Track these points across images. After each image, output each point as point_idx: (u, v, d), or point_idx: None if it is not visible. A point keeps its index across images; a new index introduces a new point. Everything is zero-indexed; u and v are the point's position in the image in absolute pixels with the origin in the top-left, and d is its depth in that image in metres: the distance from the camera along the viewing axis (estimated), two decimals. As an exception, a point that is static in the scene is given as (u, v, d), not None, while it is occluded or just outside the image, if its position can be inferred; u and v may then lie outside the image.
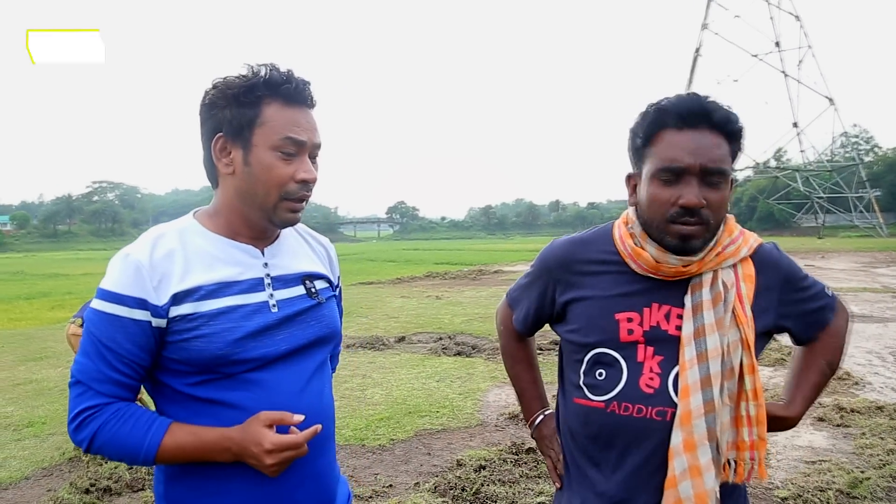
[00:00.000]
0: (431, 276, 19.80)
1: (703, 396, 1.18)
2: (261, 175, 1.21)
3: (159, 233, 1.24)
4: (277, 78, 1.21)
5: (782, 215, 56.92)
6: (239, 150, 1.22)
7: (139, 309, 1.16)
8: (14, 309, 13.80)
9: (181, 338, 1.18)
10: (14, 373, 7.26)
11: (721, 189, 1.19)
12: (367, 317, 10.98)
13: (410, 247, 48.84)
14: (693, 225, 1.18)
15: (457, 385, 6.14)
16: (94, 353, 1.17)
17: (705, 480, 1.16)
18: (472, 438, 4.62)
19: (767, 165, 54.55)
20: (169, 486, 1.25)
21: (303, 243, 1.43)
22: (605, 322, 1.28)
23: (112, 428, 1.16)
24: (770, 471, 3.92)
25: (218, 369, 1.19)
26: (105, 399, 1.18)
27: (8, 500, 3.77)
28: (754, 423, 1.20)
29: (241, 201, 1.25)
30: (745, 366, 1.20)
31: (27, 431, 5.05)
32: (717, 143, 1.19)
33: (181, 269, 1.20)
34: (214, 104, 1.22)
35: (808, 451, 4.24)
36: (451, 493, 3.54)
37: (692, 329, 1.21)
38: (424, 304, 12.52)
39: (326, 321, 1.35)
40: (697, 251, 1.22)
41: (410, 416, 5.16)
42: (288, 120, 1.21)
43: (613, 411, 1.25)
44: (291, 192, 1.23)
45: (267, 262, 1.29)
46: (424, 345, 8.34)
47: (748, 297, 1.24)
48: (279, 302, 1.27)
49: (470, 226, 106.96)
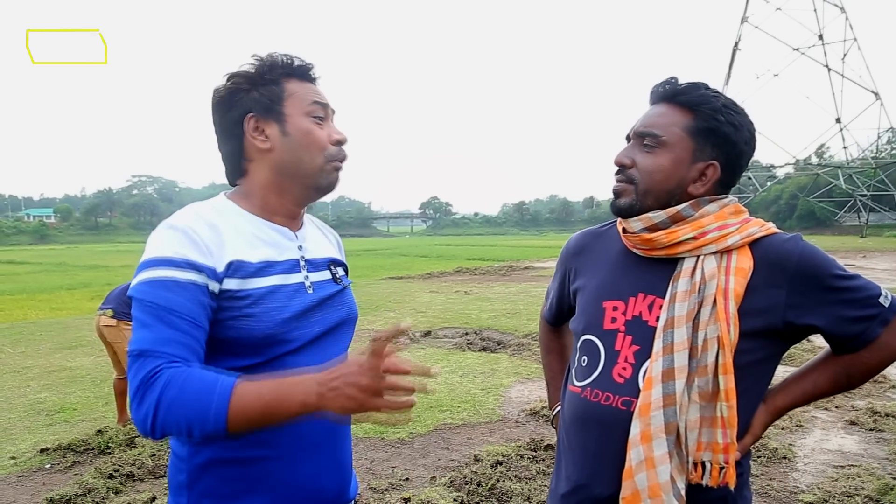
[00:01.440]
0: (461, 271, 19.78)
1: (664, 389, 1.15)
2: (303, 140, 1.24)
3: (198, 210, 1.22)
4: (291, 59, 1.27)
5: (824, 214, 55.37)
6: (273, 124, 1.24)
7: (194, 271, 1.10)
8: (56, 299, 14.18)
9: (230, 315, 1.15)
10: (50, 360, 7.46)
11: (653, 153, 1.24)
12: (395, 311, 11.02)
13: (442, 242, 48.91)
14: (619, 182, 1.27)
15: (480, 380, 6.12)
16: (152, 320, 1.06)
17: (659, 473, 1.14)
18: (491, 434, 4.59)
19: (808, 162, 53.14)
20: (195, 475, 1.19)
21: (320, 233, 1.45)
22: (594, 309, 1.30)
23: (178, 383, 1.01)
24: (796, 474, 3.82)
25: (261, 351, 1.17)
26: (168, 358, 1.04)
27: (36, 482, 3.87)
28: (727, 426, 1.15)
29: (283, 175, 1.26)
30: (720, 365, 1.15)
31: (58, 417, 5.19)
32: (663, 112, 1.25)
33: (228, 242, 1.18)
34: (237, 90, 1.24)
35: (838, 456, 4.11)
36: (467, 487, 3.53)
37: (665, 320, 1.19)
38: (453, 300, 12.51)
39: (350, 305, 1.38)
40: (624, 211, 1.27)
41: (431, 410, 5.15)
42: (310, 90, 1.28)
43: (586, 398, 1.27)
44: (333, 153, 1.27)
45: (301, 245, 1.31)
46: (450, 339, 8.33)
47: (735, 293, 1.16)
48: (314, 284, 1.29)
49: (503, 222, 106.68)
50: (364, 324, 9.53)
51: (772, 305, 1.18)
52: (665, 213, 1.23)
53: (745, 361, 1.17)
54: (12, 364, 7.35)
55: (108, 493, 3.57)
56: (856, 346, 1.20)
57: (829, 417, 4.90)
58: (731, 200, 1.26)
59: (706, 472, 1.16)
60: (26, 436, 4.75)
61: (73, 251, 43.42)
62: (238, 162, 1.29)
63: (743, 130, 1.23)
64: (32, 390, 6.11)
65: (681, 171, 1.23)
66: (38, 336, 9.21)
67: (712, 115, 1.21)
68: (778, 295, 1.18)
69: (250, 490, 1.18)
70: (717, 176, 1.24)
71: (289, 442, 1.19)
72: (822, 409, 5.06)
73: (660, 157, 1.23)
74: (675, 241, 1.21)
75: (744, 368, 1.17)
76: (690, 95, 1.23)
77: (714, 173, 1.24)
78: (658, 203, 1.24)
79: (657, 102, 1.28)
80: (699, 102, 1.22)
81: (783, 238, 1.22)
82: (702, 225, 1.21)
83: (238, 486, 1.18)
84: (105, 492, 3.57)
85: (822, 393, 1.28)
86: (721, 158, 1.23)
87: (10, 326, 10.16)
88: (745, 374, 1.18)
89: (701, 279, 1.18)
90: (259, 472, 1.19)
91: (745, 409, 1.20)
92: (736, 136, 1.22)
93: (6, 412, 5.38)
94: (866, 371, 1.23)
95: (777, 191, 61.22)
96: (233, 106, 1.25)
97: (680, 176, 1.23)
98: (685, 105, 1.23)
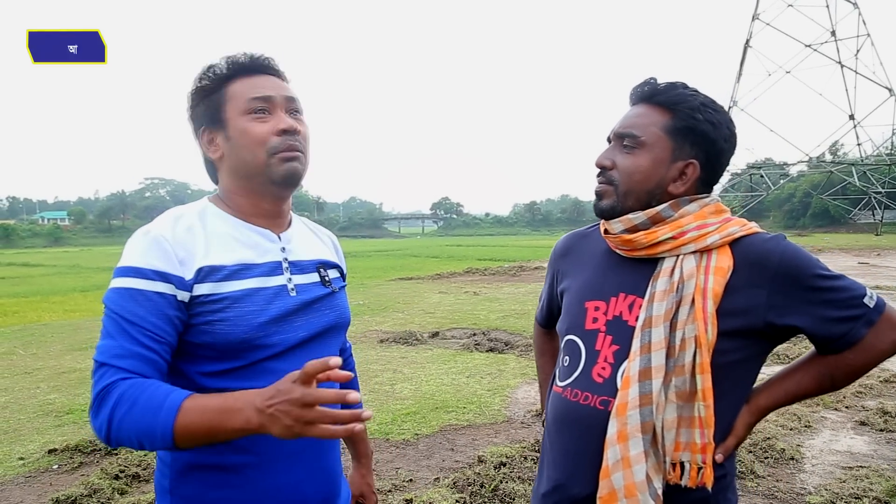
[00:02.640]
0: (471, 271, 19.75)
1: (641, 388, 1.15)
2: (241, 140, 1.22)
3: (179, 212, 1.23)
4: (238, 58, 1.25)
5: (838, 211, 54.79)
6: (219, 131, 1.25)
7: (162, 282, 1.11)
8: (69, 301, 14.30)
9: (205, 320, 1.15)
10: (60, 361, 7.52)
11: (633, 154, 1.23)
12: (403, 311, 11.03)
13: (453, 242, 48.89)
14: (600, 184, 1.28)
15: (486, 381, 6.10)
16: (116, 331, 1.08)
17: (635, 472, 1.13)
18: (496, 435, 4.58)
19: (822, 160, 52.63)
20: (176, 480, 1.20)
21: (311, 234, 1.44)
22: (577, 309, 1.30)
23: (129, 399, 1.03)
24: (804, 475, 3.78)
25: (239, 355, 1.16)
26: (125, 374, 1.06)
27: (43, 482, 3.91)
28: (705, 426, 1.14)
29: (237, 177, 1.26)
30: (697, 364, 1.14)
31: (67, 418, 5.23)
32: (641, 113, 1.25)
33: (203, 246, 1.18)
34: (191, 108, 1.28)
35: (847, 457, 4.06)
36: (470, 489, 3.52)
37: (643, 319, 1.18)
38: (461, 300, 12.50)
39: (340, 310, 1.35)
40: (606, 212, 1.27)
41: (437, 411, 5.15)
42: (250, 85, 1.24)
43: (567, 397, 1.27)
44: (275, 145, 1.22)
45: (284, 247, 1.29)
46: (458, 340, 8.32)
47: (714, 293, 1.15)
48: (297, 286, 1.27)
49: (514, 222, 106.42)
50: (372, 325, 9.56)
51: (752, 306, 1.17)
52: (645, 213, 1.23)
53: (725, 361, 1.16)
54: (23, 366, 7.42)
55: (113, 493, 3.59)
56: (840, 346, 1.18)
57: (839, 418, 4.84)
58: (712, 199, 1.26)
59: (685, 473, 1.15)
60: (35, 437, 4.79)
61: (86, 253, 43.81)
62: (210, 172, 1.32)
63: (722, 128, 1.23)
64: (42, 391, 6.16)
65: (660, 170, 1.22)
66: (50, 338, 9.29)
67: (690, 114, 1.21)
68: (758, 295, 1.17)
69: (231, 497, 1.18)
70: (697, 175, 1.24)
71: (269, 449, 1.19)
72: (832, 410, 5.00)
73: (639, 157, 1.23)
74: (654, 242, 1.21)
75: (724, 368, 1.16)
76: (668, 95, 1.22)
77: (694, 172, 1.23)
78: (639, 204, 1.24)
79: (637, 103, 1.28)
80: (676, 102, 1.21)
81: (764, 238, 1.20)
82: (681, 225, 1.21)
83: (219, 492, 1.18)
84: (110, 492, 3.59)
85: (805, 393, 1.27)
86: (700, 157, 1.23)
87: (22, 328, 10.26)
88: (726, 374, 1.17)
89: (679, 278, 1.18)
90: (239, 478, 1.18)
91: (727, 409, 1.19)
92: (715, 133, 1.22)
93: (16, 413, 5.43)
94: (851, 372, 1.21)
95: (790, 189, 60.58)
96: (192, 123, 1.29)
97: (659, 176, 1.23)
98: (663, 105, 1.23)
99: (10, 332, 9.95)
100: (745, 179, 53.41)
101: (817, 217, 57.00)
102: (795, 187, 60.05)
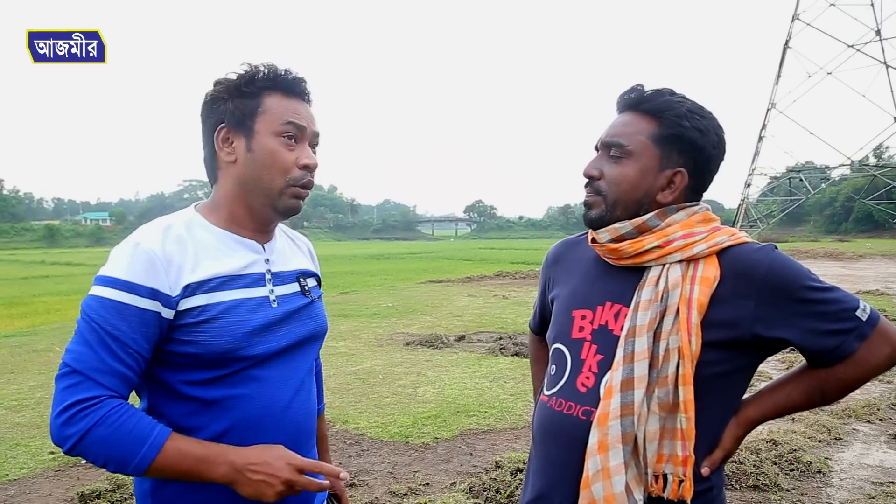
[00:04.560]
0: (501, 275, 19.70)
1: (622, 399, 1.13)
2: (265, 160, 1.23)
3: (167, 223, 1.23)
4: (277, 71, 1.25)
5: (882, 217, 53.10)
6: (241, 138, 1.24)
7: (150, 299, 1.12)
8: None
9: (188, 332, 1.16)
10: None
11: (620, 163, 1.22)
12: (431, 314, 11.04)
13: (486, 245, 48.79)
14: (588, 195, 1.26)
15: (510, 386, 6.08)
16: (96, 342, 1.09)
17: (614, 483, 1.12)
18: (516, 440, 4.56)
19: (864, 163, 51.11)
20: (156, 483, 1.22)
21: (290, 242, 1.45)
22: (564, 318, 1.30)
23: (113, 424, 1.07)
24: (831, 490, 3.67)
25: (222, 365, 1.18)
26: (106, 392, 1.09)
27: (71, 476, 4.01)
28: (686, 438, 1.13)
29: (244, 190, 1.26)
30: (680, 376, 1.12)
31: (97, 415, 5.35)
32: (627, 122, 1.24)
33: (192, 259, 1.19)
34: (217, 98, 1.26)
35: (878, 472, 3.94)
36: (485, 494, 3.51)
37: (627, 329, 1.17)
38: (490, 304, 12.47)
39: (319, 319, 1.38)
40: (595, 222, 1.26)
41: (458, 415, 5.14)
42: (288, 108, 1.25)
43: (551, 406, 1.27)
44: (296, 177, 1.25)
45: (268, 258, 1.31)
46: (484, 344, 8.30)
47: (699, 303, 1.13)
48: (279, 297, 1.28)
49: (548, 225, 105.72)
50: (399, 327, 9.60)
51: (739, 317, 1.14)
52: (631, 223, 1.21)
53: (710, 373, 1.15)
54: (59, 363, 7.61)
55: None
56: (831, 360, 1.15)
57: (872, 430, 4.70)
58: (700, 208, 1.24)
59: (667, 485, 1.14)
60: (66, 433, 4.91)
61: (126, 253, 44.58)
62: (212, 168, 1.31)
63: (710, 135, 1.21)
64: (76, 388, 6.32)
65: (648, 179, 1.21)
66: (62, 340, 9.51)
67: (677, 122, 1.19)
68: (746, 307, 1.14)
69: (210, 500, 1.20)
70: (685, 183, 1.22)
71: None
72: (865, 422, 4.86)
73: (626, 166, 1.21)
74: (640, 251, 1.20)
75: (709, 380, 1.14)
76: (654, 103, 1.21)
77: (682, 180, 1.22)
78: (627, 213, 1.22)
79: (623, 111, 1.27)
80: (662, 109, 1.20)
81: (753, 248, 1.18)
82: (667, 234, 1.19)
83: (199, 495, 1.20)
84: (134, 488, 3.66)
85: (795, 406, 1.24)
86: (689, 165, 1.22)
87: (61, 326, 10.54)
88: (712, 386, 1.15)
89: (664, 288, 1.16)
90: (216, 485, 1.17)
91: (712, 421, 1.17)
92: (702, 140, 1.20)
93: (50, 409, 5.57)
94: (843, 387, 1.18)
95: (832, 193, 59.01)
96: (211, 113, 1.27)
97: (647, 185, 1.21)
98: (649, 112, 1.21)
99: (49, 329, 10.24)
100: (784, 183, 52.26)
101: (860, 222, 55.40)
102: (837, 191, 58.50)
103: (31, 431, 4.93)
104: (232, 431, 1.19)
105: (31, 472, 4.11)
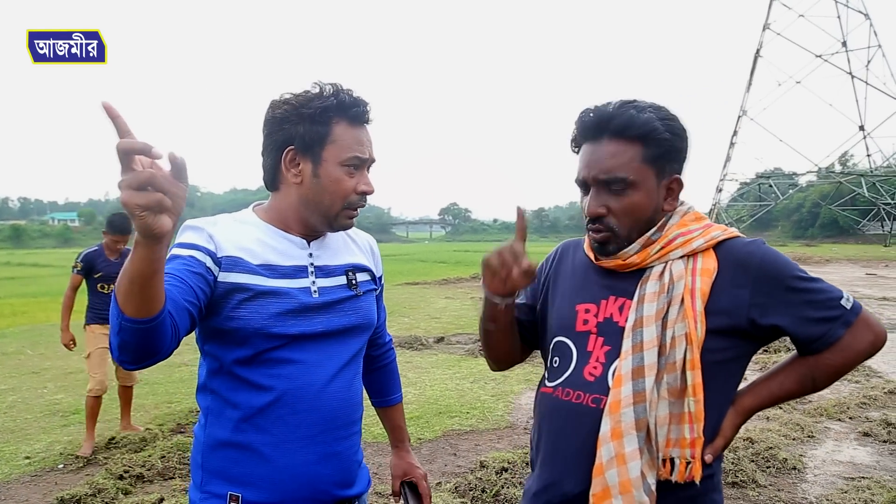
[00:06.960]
0: (477, 277, 19.66)
1: (634, 386, 1.18)
2: (329, 187, 1.34)
3: (221, 216, 1.39)
4: (347, 101, 1.34)
5: (846, 222, 54.39)
6: (308, 163, 1.34)
7: (195, 250, 1.25)
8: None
9: (226, 307, 1.27)
10: (68, 362, 7.56)
11: (626, 195, 1.24)
12: (409, 317, 11.06)
13: (461, 248, 48.85)
14: (599, 233, 1.26)
15: (490, 386, 6.12)
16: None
17: (630, 469, 1.16)
18: (499, 440, 4.60)
19: (831, 170, 52.35)
20: (206, 455, 1.35)
21: (346, 239, 1.52)
22: (568, 312, 1.34)
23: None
24: (805, 486, 3.78)
25: (261, 342, 1.29)
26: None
27: (48, 482, 3.95)
28: (695, 420, 1.18)
29: (304, 207, 1.37)
30: (688, 361, 1.18)
31: (73, 418, 5.28)
32: (615, 152, 1.23)
33: (234, 242, 1.31)
34: (286, 119, 1.34)
35: (850, 467, 4.06)
36: (471, 493, 3.54)
37: (633, 320, 1.23)
38: (467, 305, 12.52)
39: (363, 312, 1.45)
40: (615, 253, 1.28)
41: (440, 416, 5.17)
42: (354, 139, 1.35)
43: (558, 396, 1.30)
44: (353, 202, 1.37)
45: (312, 253, 1.40)
46: (463, 346, 8.34)
47: (702, 292, 1.21)
48: (321, 289, 1.37)
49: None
50: (377, 329, 9.56)
51: (736, 305, 1.22)
52: (638, 243, 1.27)
53: (712, 360, 1.20)
54: (31, 365, 7.49)
55: (117, 493, 3.63)
56: (819, 347, 1.23)
57: (842, 428, 4.83)
58: (689, 208, 1.32)
59: (674, 469, 1.18)
60: (41, 436, 4.84)
61: (95, 255, 43.86)
62: (273, 179, 1.40)
63: (683, 134, 1.28)
64: (49, 391, 6.23)
65: (654, 199, 1.27)
66: (58, 338, 9.29)
67: (660, 140, 1.23)
68: (742, 295, 1.22)
69: (251, 474, 1.31)
70: (681, 187, 1.30)
71: (283, 432, 1.31)
72: (836, 420, 5.00)
73: (633, 196, 1.24)
74: (645, 258, 1.27)
75: (712, 367, 1.20)
76: (636, 128, 1.22)
77: (679, 185, 1.30)
78: (640, 234, 1.27)
79: (596, 137, 1.25)
80: (646, 132, 1.22)
81: (745, 241, 1.27)
82: (667, 236, 1.27)
83: (241, 468, 1.31)
84: (115, 492, 3.63)
85: (788, 394, 1.31)
86: (678, 169, 1.29)
87: (31, 329, 10.35)
88: (714, 372, 1.21)
89: (669, 280, 1.23)
90: (259, 458, 1.31)
91: (714, 407, 1.22)
92: (680, 143, 1.27)
93: (23, 413, 5.49)
94: (831, 373, 1.25)
95: (799, 199, 60.18)
96: (279, 131, 1.35)
97: (655, 203, 1.27)
98: (633, 138, 1.23)
99: (18, 331, 10.04)
100: (754, 189, 53.23)
101: (826, 227, 56.68)
102: (804, 197, 59.72)
103: (5, 436, 4.86)
104: (268, 409, 1.30)
105: (7, 477, 4.05)
